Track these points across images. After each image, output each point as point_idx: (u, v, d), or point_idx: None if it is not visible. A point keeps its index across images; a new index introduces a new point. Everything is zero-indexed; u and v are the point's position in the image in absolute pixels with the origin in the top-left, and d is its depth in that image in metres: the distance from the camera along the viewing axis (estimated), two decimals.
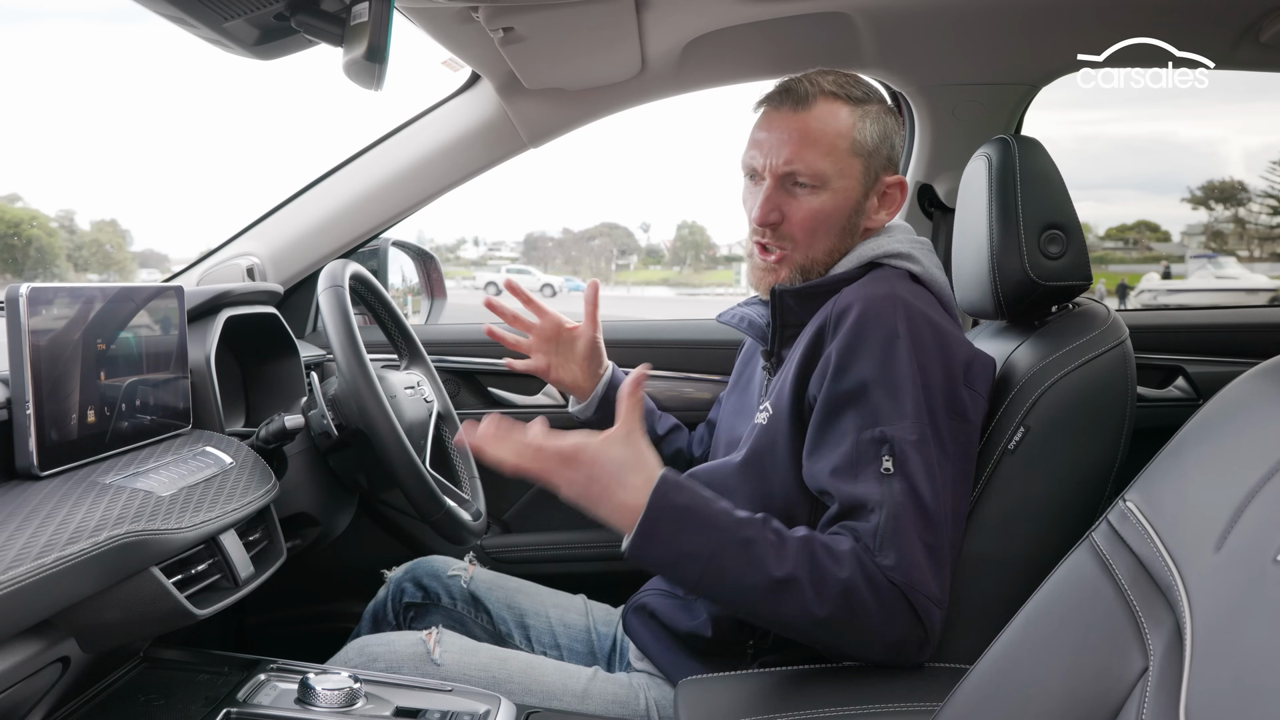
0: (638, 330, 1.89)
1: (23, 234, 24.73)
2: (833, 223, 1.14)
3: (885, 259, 1.13)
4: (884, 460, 0.96)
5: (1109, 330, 1.16)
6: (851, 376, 0.99)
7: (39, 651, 0.79)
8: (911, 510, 0.95)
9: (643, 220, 33.96)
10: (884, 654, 0.94)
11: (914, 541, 0.94)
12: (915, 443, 0.97)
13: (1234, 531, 0.56)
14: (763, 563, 0.92)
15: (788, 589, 0.91)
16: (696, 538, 0.92)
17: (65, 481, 0.85)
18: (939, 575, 0.95)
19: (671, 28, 1.50)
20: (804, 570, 0.92)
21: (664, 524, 0.92)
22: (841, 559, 0.93)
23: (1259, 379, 0.65)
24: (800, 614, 0.92)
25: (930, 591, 0.94)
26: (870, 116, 1.14)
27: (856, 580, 0.92)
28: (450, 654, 1.14)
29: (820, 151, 1.11)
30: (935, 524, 0.96)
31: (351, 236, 1.73)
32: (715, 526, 0.93)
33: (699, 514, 0.93)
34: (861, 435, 0.98)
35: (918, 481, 0.96)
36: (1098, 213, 48.02)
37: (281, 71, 33.01)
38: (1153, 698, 0.57)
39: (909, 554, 0.93)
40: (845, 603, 0.91)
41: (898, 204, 1.18)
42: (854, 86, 1.14)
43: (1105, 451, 1.12)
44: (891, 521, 0.94)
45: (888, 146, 1.15)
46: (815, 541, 0.95)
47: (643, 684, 1.16)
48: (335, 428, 1.24)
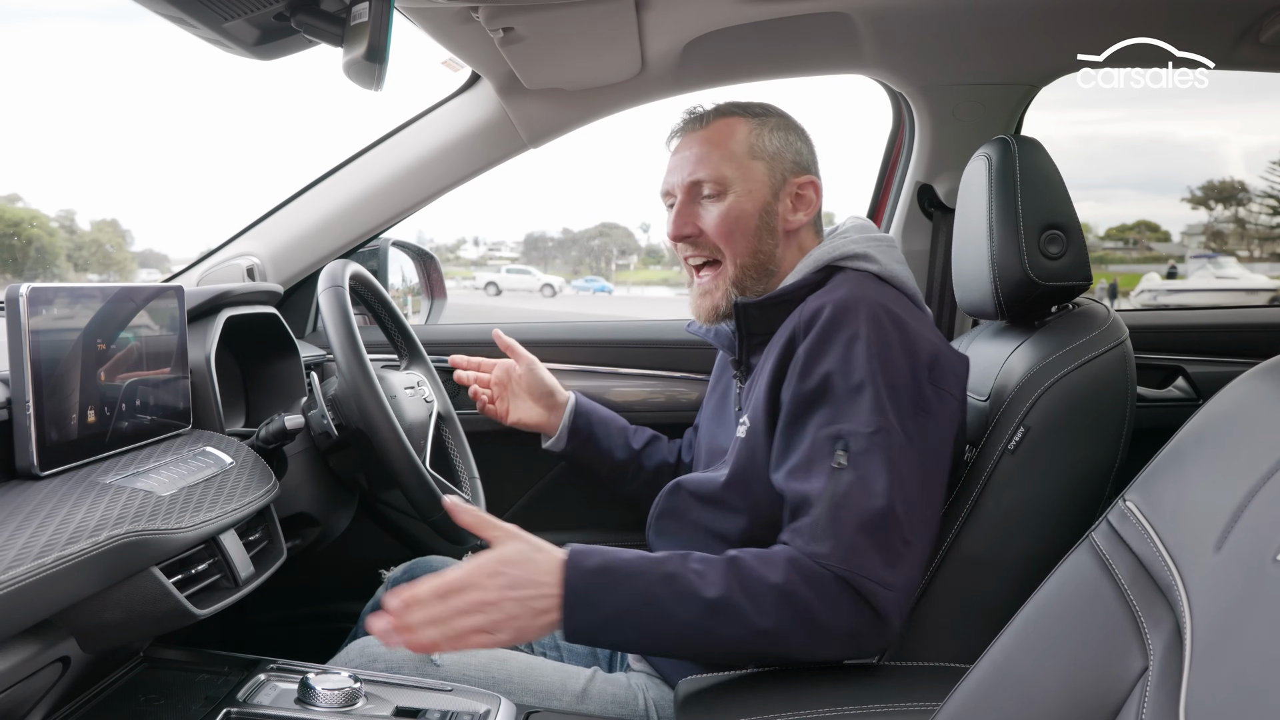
0: (634, 330, 1.88)
1: (23, 234, 24.72)
2: (744, 224, 1.16)
3: (842, 261, 1.13)
4: (837, 455, 0.96)
5: (1109, 330, 1.16)
6: (813, 379, 1.01)
7: (39, 651, 0.79)
8: (857, 499, 0.94)
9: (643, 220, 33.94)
10: (842, 649, 0.93)
11: (855, 528, 0.92)
12: (870, 434, 0.96)
13: (1234, 531, 0.56)
14: (692, 591, 0.90)
15: (724, 610, 0.90)
16: (622, 591, 0.90)
17: (65, 481, 0.85)
18: (889, 559, 0.93)
19: (671, 28, 1.50)
20: (734, 587, 0.91)
21: (588, 590, 0.90)
22: (774, 564, 0.92)
23: (1259, 379, 0.65)
24: (746, 631, 0.90)
25: (876, 574, 0.91)
26: (769, 127, 1.18)
27: (792, 580, 0.91)
28: (450, 654, 1.14)
29: (719, 158, 1.17)
30: (890, 512, 0.94)
31: (351, 236, 1.73)
32: (636, 574, 0.91)
33: (616, 569, 0.92)
34: (818, 434, 0.98)
35: (870, 471, 0.95)
36: (1098, 213, 48.02)
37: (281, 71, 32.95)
38: (1152, 698, 0.57)
39: (848, 539, 0.92)
40: (786, 607, 0.90)
41: (814, 204, 1.19)
42: (752, 106, 1.21)
43: (1105, 451, 1.12)
44: (831, 511, 0.94)
45: (792, 151, 1.19)
46: (743, 557, 0.94)
47: (642, 684, 1.16)
48: (335, 428, 1.24)
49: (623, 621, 0.90)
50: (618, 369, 1.81)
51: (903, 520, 0.95)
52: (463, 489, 1.42)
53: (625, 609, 0.90)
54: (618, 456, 1.42)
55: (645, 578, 0.91)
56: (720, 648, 0.92)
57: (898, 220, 1.86)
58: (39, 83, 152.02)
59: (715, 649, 0.92)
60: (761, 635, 0.90)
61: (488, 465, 1.50)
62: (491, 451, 1.66)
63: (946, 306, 1.84)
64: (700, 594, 0.90)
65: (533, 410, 1.43)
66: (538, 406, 1.43)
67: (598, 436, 1.42)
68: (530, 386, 1.42)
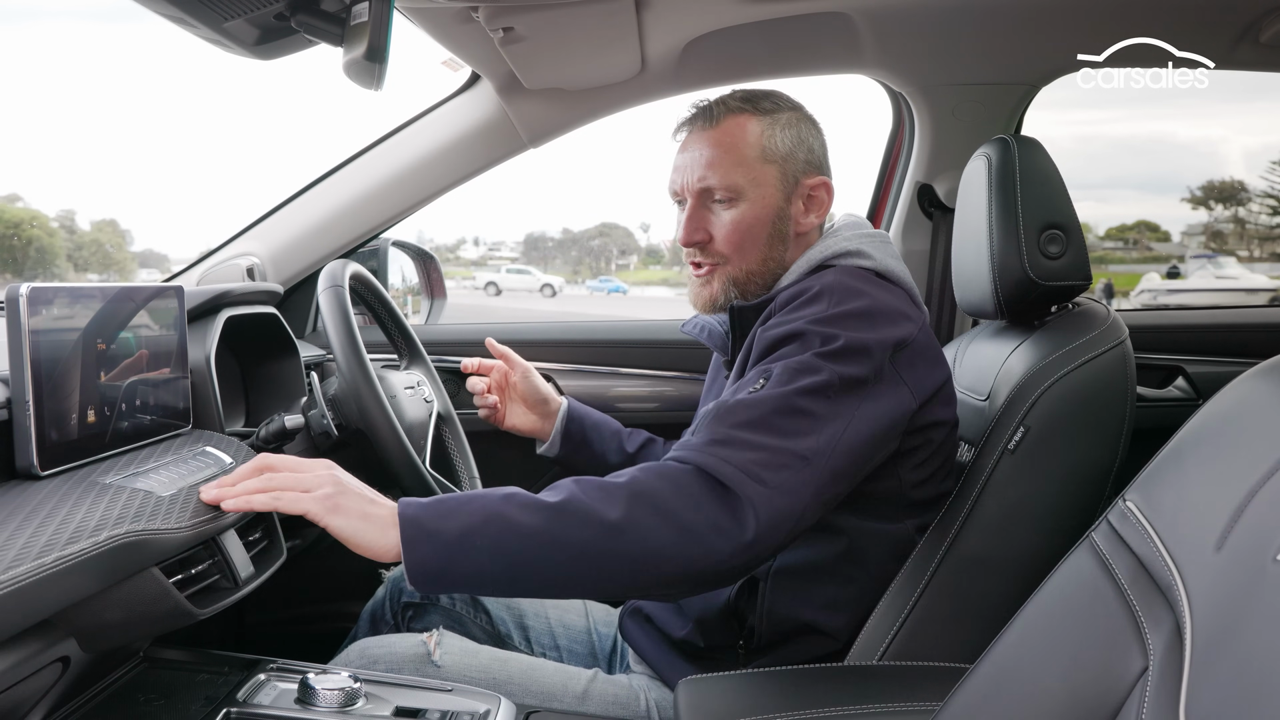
0: (634, 330, 1.89)
1: (23, 234, 24.71)
2: (757, 232, 1.14)
3: (835, 260, 1.12)
4: (756, 383, 0.96)
5: (1109, 330, 1.16)
6: (764, 340, 1.01)
7: (39, 651, 0.79)
8: (752, 407, 0.92)
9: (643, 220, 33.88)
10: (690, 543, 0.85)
11: (737, 427, 0.90)
12: (797, 364, 0.95)
13: (1234, 531, 0.56)
14: (533, 501, 0.87)
15: (567, 510, 0.86)
16: (461, 514, 0.86)
17: (65, 481, 0.85)
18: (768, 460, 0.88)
19: (671, 28, 1.50)
20: (577, 491, 0.88)
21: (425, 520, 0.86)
22: (624, 472, 0.90)
23: (1259, 379, 0.65)
24: (595, 530, 0.85)
25: (745, 464, 0.87)
26: (780, 124, 1.15)
27: (640, 477, 0.88)
28: (451, 655, 1.14)
29: (731, 163, 1.13)
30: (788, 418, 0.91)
31: (351, 236, 1.73)
32: (473, 498, 0.89)
33: (449, 501, 0.89)
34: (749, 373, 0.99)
35: (770, 388, 0.93)
36: (1098, 213, 48.01)
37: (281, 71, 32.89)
38: (1153, 698, 0.57)
39: (725, 434, 0.90)
40: (633, 499, 0.86)
41: (825, 205, 1.17)
42: (763, 100, 1.16)
43: (1105, 451, 1.12)
44: (716, 416, 0.92)
45: (804, 150, 1.15)
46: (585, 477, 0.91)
47: (643, 685, 1.16)
48: (335, 428, 1.24)
49: (468, 543, 0.85)
50: (617, 369, 1.81)
51: (804, 434, 0.91)
52: (463, 489, 1.42)
53: (467, 528, 0.85)
54: (611, 460, 1.41)
55: (484, 499, 0.88)
56: (575, 554, 0.85)
57: (897, 220, 1.87)
58: (39, 83, 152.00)
59: (569, 557, 0.85)
60: (613, 530, 0.85)
61: (488, 465, 1.50)
62: (491, 451, 1.66)
63: (946, 306, 1.84)
64: (541, 501, 0.87)
65: (526, 416, 1.42)
66: (531, 414, 1.43)
67: (590, 441, 1.42)
68: (525, 393, 1.42)
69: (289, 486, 0.89)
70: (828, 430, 0.93)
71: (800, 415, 0.92)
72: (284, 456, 0.94)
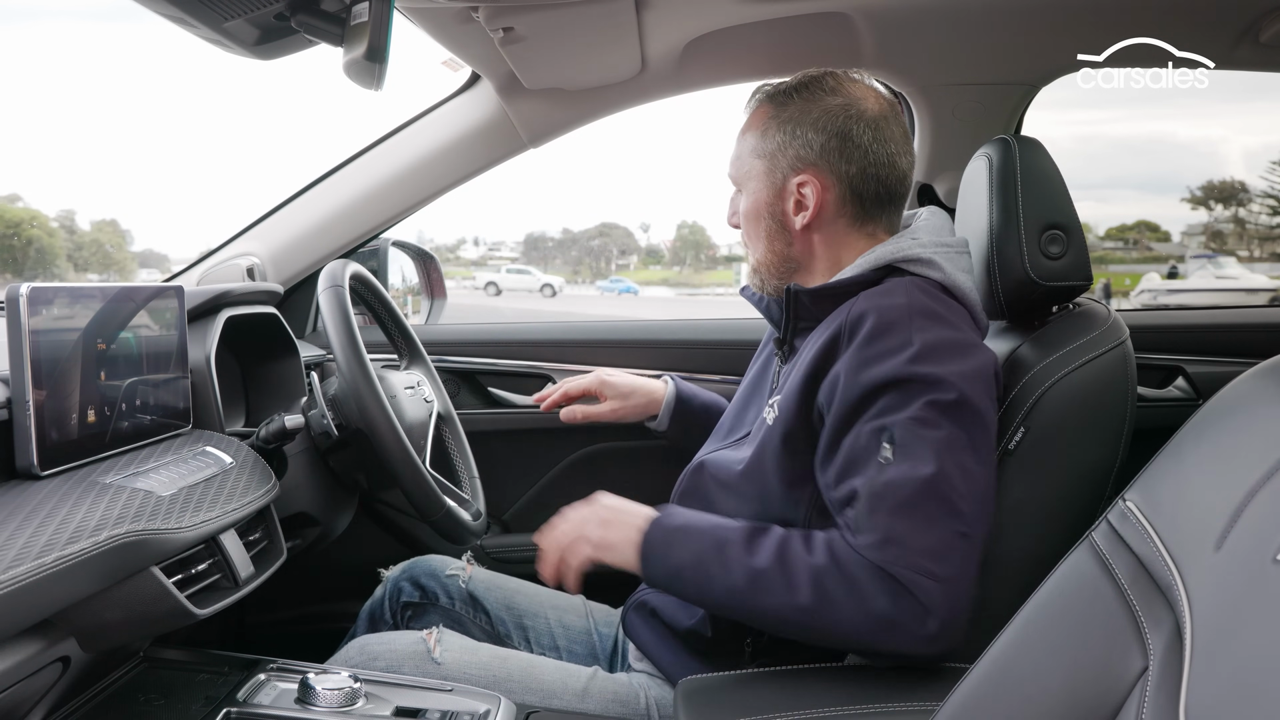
0: (635, 330, 1.88)
1: (23, 234, 24.71)
2: (753, 226, 1.16)
3: (904, 263, 1.08)
4: (883, 449, 0.95)
5: (1109, 330, 1.16)
6: (859, 384, 0.98)
7: (39, 651, 0.79)
8: (899, 487, 0.92)
9: (643, 220, 33.90)
10: (887, 637, 0.91)
11: (894, 516, 0.91)
12: (915, 423, 0.94)
13: (1234, 531, 0.56)
14: (737, 559, 0.96)
15: (763, 581, 0.94)
16: (680, 550, 0.99)
17: (65, 481, 0.85)
18: (937, 548, 0.90)
19: (671, 28, 1.50)
20: (775, 562, 0.95)
21: (656, 545, 1.00)
22: (815, 546, 0.95)
23: (1259, 379, 0.65)
24: (782, 604, 0.93)
25: (916, 563, 0.90)
26: (781, 117, 1.12)
27: (828, 564, 0.93)
28: (450, 653, 1.14)
29: (736, 153, 1.17)
30: (940, 499, 0.92)
31: (351, 236, 1.73)
32: (697, 535, 1.00)
33: (687, 529, 1.01)
34: (863, 430, 0.97)
35: (917, 460, 0.93)
36: (1098, 213, 48.02)
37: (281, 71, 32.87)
38: (1152, 697, 0.57)
39: (886, 527, 0.91)
40: (821, 588, 0.92)
41: (810, 207, 1.11)
42: (786, 95, 1.14)
43: (1105, 451, 1.12)
44: (870, 501, 0.93)
45: (796, 145, 1.11)
46: (792, 536, 0.97)
47: (643, 683, 1.16)
48: (335, 428, 1.24)
49: (681, 576, 0.99)
50: (618, 369, 1.81)
51: (957, 509, 0.92)
52: (463, 489, 1.42)
53: (681, 565, 0.99)
54: None
55: (703, 539, 0.99)
56: (766, 616, 0.96)
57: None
58: (39, 83, 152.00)
59: (762, 617, 0.97)
60: (801, 610, 0.93)
61: (488, 465, 1.50)
62: (491, 451, 1.66)
63: None
64: (743, 562, 0.96)
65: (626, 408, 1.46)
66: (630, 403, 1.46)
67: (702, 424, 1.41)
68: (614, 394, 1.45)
69: (573, 545, 1.05)
70: (972, 492, 0.94)
71: (948, 489, 0.92)
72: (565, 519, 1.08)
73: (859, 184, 1.11)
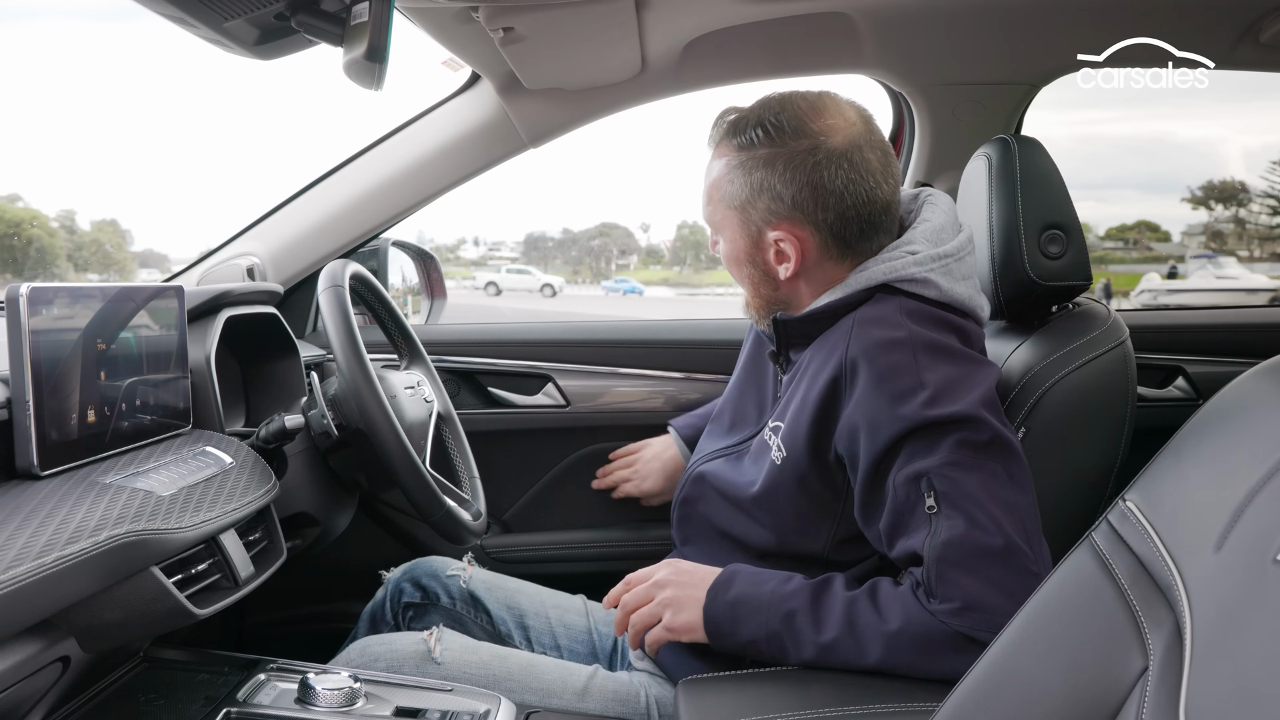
0: (634, 330, 1.88)
1: (23, 234, 24.68)
2: (736, 270, 1.14)
3: (899, 283, 1.04)
4: (926, 499, 0.94)
5: (1109, 330, 1.16)
6: (881, 437, 0.96)
7: (39, 651, 0.79)
8: (962, 548, 0.92)
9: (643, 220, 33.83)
10: (943, 677, 0.88)
11: (972, 580, 0.91)
12: (952, 465, 0.93)
13: (1234, 531, 0.56)
14: (806, 634, 0.97)
15: (835, 652, 0.95)
16: (748, 626, 0.99)
17: (65, 481, 0.85)
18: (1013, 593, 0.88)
19: (671, 28, 1.50)
20: (845, 630, 0.95)
21: (722, 622, 1.01)
22: (887, 608, 0.95)
23: (1259, 379, 0.65)
24: (850, 664, 0.95)
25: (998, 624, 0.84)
26: (747, 166, 1.06)
27: (900, 628, 0.94)
28: (451, 652, 1.14)
29: (705, 199, 1.14)
30: (1003, 551, 0.91)
31: (351, 236, 1.73)
32: (762, 609, 0.99)
33: (747, 603, 1.00)
34: (898, 478, 0.96)
35: (966, 507, 0.92)
36: (1098, 213, 47.97)
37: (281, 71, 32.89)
38: (1152, 697, 0.57)
39: (967, 594, 0.91)
40: (892, 649, 0.94)
41: (793, 260, 1.07)
42: (748, 129, 1.07)
43: (1105, 451, 1.12)
44: (937, 567, 0.92)
45: (767, 197, 1.06)
46: (859, 597, 0.97)
47: (644, 682, 1.16)
48: (335, 428, 1.24)
49: (758, 649, 0.99)
50: (617, 369, 1.81)
51: (1019, 550, 0.92)
52: (463, 489, 1.42)
53: (754, 640, 0.99)
54: None
55: (769, 613, 0.99)
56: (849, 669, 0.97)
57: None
58: (39, 82, 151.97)
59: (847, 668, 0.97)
60: (868, 667, 0.95)
61: (488, 465, 1.50)
62: (491, 451, 1.66)
63: None
64: (813, 637, 0.96)
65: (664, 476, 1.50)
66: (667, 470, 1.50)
67: None
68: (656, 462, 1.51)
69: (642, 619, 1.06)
70: (1026, 527, 0.95)
71: (1005, 536, 0.92)
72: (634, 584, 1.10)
73: (839, 228, 1.06)
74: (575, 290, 23.99)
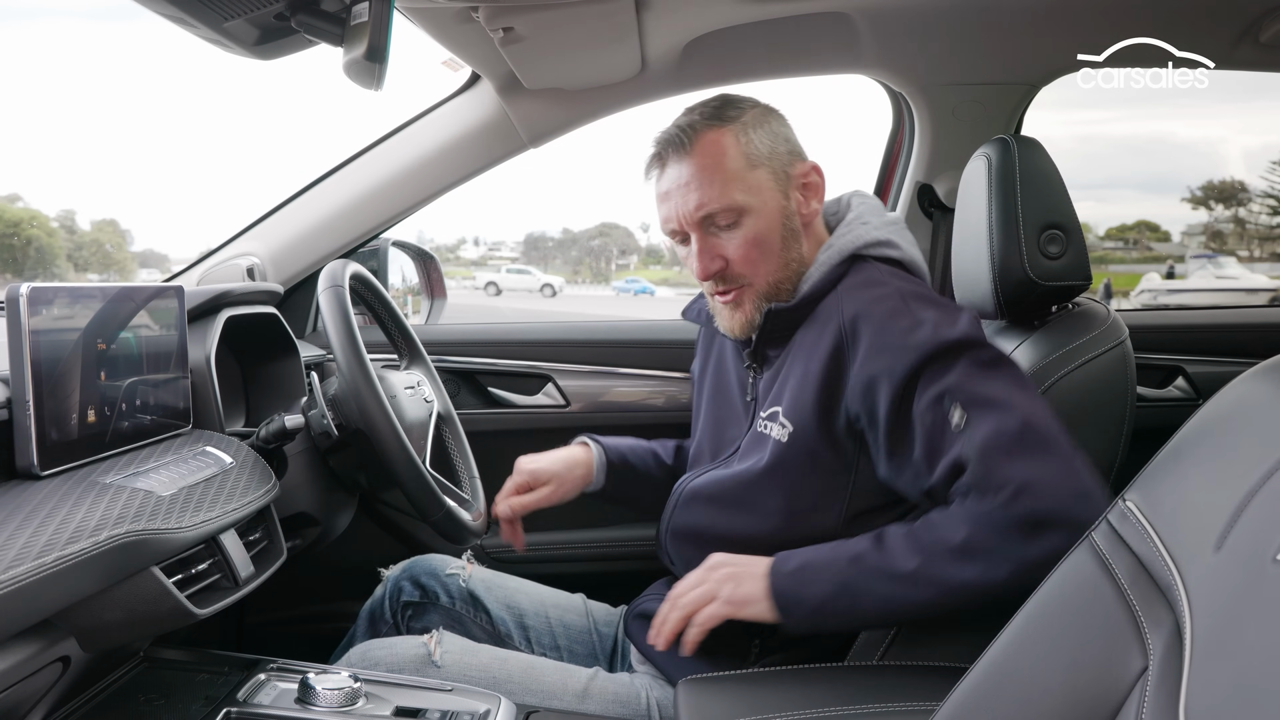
0: (634, 330, 1.88)
1: (23, 234, 24.68)
2: (771, 242, 1.11)
3: (865, 249, 1.12)
4: (952, 415, 0.96)
5: (1109, 330, 1.16)
6: (895, 376, 0.99)
7: (39, 651, 0.79)
8: (1000, 437, 0.94)
9: (643, 220, 33.74)
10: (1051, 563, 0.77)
11: (1017, 465, 0.93)
12: (969, 378, 0.97)
13: (1234, 531, 0.56)
14: (881, 567, 0.96)
15: (914, 580, 0.95)
16: (818, 584, 0.99)
17: (65, 481, 0.85)
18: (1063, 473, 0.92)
19: (671, 28, 1.50)
20: (920, 555, 0.95)
21: (790, 590, 0.99)
22: (946, 527, 0.95)
23: (1259, 379, 0.65)
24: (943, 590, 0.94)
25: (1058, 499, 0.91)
26: (750, 126, 1.12)
27: (975, 536, 0.93)
28: (451, 654, 1.14)
29: (723, 182, 1.09)
30: (1033, 429, 0.94)
31: (351, 236, 1.73)
32: (827, 564, 0.99)
33: (812, 565, 1.00)
34: (921, 407, 0.98)
35: (994, 407, 0.95)
36: (1098, 213, 48.00)
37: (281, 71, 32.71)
38: (1152, 697, 0.57)
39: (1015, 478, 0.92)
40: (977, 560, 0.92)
41: (821, 189, 1.16)
42: (725, 108, 1.13)
43: (1105, 451, 1.12)
44: (983, 463, 0.94)
45: (782, 142, 1.14)
46: (916, 529, 0.98)
47: (644, 683, 1.16)
48: (335, 428, 1.24)
49: (824, 608, 0.98)
50: (617, 369, 1.81)
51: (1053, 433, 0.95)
52: (463, 489, 1.42)
53: (823, 597, 0.98)
54: (655, 474, 1.36)
55: (835, 565, 0.99)
56: (928, 608, 0.96)
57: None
58: (39, 83, 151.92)
59: (924, 610, 0.97)
60: (962, 587, 0.93)
61: (488, 465, 1.50)
62: (491, 451, 1.66)
63: None
64: (889, 568, 0.96)
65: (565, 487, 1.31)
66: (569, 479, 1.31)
67: (633, 464, 1.35)
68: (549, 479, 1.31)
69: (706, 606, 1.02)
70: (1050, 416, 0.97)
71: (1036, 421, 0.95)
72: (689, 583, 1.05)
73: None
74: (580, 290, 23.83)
